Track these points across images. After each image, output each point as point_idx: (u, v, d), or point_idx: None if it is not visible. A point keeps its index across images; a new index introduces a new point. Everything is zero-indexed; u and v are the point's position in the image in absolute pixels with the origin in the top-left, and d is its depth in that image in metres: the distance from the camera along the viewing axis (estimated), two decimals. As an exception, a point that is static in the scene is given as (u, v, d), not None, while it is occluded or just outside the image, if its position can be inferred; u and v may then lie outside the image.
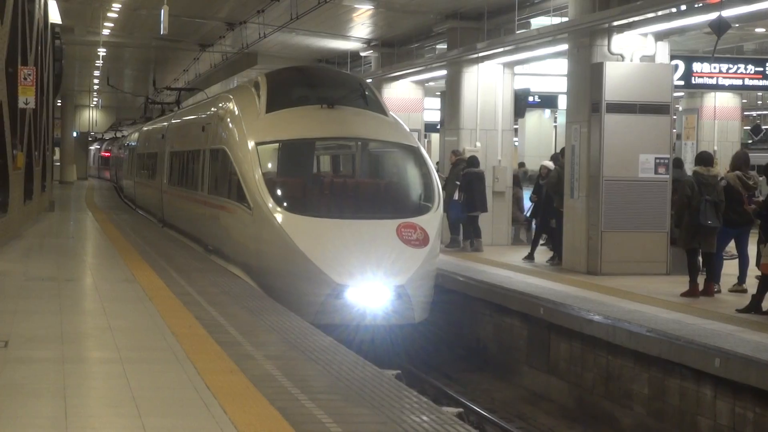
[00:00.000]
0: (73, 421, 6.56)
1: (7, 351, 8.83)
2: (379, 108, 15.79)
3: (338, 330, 12.11)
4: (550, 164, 18.69)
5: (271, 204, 13.73)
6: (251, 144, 14.68)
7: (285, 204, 13.78)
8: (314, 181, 15.33)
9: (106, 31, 32.65)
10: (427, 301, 13.60)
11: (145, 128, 33.56)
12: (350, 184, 15.07)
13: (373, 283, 12.89)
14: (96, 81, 52.01)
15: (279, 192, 13.99)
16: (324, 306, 12.87)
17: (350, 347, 9.62)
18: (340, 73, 19.20)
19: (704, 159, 14.30)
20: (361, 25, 27.50)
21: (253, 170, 14.26)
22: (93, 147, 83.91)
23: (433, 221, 13.88)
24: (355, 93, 15.57)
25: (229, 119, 16.19)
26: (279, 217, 13.61)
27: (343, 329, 12.43)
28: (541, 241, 19.26)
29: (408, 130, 16.01)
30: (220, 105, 17.37)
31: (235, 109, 16.21)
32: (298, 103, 15.48)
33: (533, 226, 21.90)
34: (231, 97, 17.24)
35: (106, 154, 68.61)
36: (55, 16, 30.60)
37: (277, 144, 15.04)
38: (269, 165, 14.73)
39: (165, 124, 26.79)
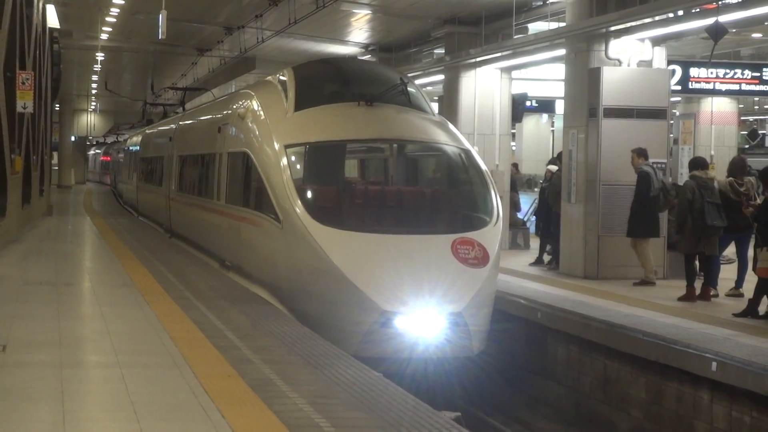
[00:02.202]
0: (71, 425, 6.57)
1: (5, 355, 8.83)
2: (424, 106, 13.98)
3: (384, 363, 10.51)
4: (555, 168, 18.66)
5: (304, 216, 11.79)
6: (279, 147, 12.81)
7: (321, 216, 11.81)
8: (354, 189, 13.31)
9: (104, 36, 32.72)
10: (485, 329, 11.66)
11: (149, 131, 31.87)
12: (395, 193, 13.10)
13: (426, 310, 10.95)
14: (94, 85, 52.06)
15: (313, 202, 12.11)
16: (368, 336, 10.99)
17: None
18: (377, 66, 16.43)
19: (700, 163, 14.37)
20: (359, 30, 27.55)
21: (281, 177, 12.38)
22: (93, 151, 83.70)
23: (492, 236, 11.96)
24: (395, 88, 13.53)
25: (250, 119, 14.35)
26: (314, 231, 11.61)
27: (389, 363, 10.75)
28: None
29: (457, 130, 14.14)
30: (240, 103, 15.44)
31: (258, 107, 14.31)
32: (332, 100, 13.63)
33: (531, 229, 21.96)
34: (252, 93, 15.28)
35: (108, 158, 67.37)
36: (53, 21, 30.62)
37: (310, 147, 13.05)
38: (300, 171, 12.79)
39: (172, 126, 24.88)
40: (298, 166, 12.82)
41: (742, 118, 41.78)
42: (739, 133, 31.84)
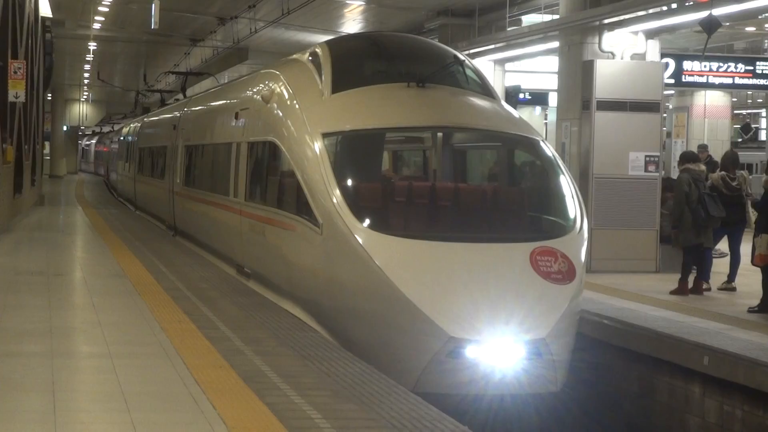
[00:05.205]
0: (62, 415, 6.56)
1: (-5, 345, 8.82)
2: (484, 89, 11.99)
3: (451, 400, 8.82)
4: None
5: (350, 219, 9.76)
6: (315, 135, 10.74)
7: (370, 220, 9.83)
8: (409, 187, 11.15)
9: (96, 25, 32.67)
10: (569, 358, 9.69)
11: (149, 119, 29.79)
12: (458, 192, 11.01)
13: (503, 338, 9.04)
14: (86, 75, 52.00)
15: (360, 202, 10.10)
16: (431, 367, 9.10)
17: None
18: (427, 43, 13.91)
19: (692, 156, 14.36)
20: (353, 21, 27.54)
21: (320, 171, 10.32)
22: (88, 141, 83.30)
23: (578, 245, 10.10)
24: (450, 67, 11.71)
25: (277, 103, 12.31)
26: (363, 238, 9.59)
27: (457, 398, 9.02)
28: None
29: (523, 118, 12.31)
30: (262, 85, 13.49)
31: (286, 89, 12.28)
32: (375, 81, 11.64)
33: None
34: (277, 73, 13.25)
35: (105, 148, 66.18)
36: (45, 10, 30.56)
37: (353, 135, 11.02)
38: (343, 164, 10.68)
39: (176, 113, 22.65)
40: (340, 159, 10.77)
41: (735, 111, 41.84)
42: (732, 126, 31.90)
